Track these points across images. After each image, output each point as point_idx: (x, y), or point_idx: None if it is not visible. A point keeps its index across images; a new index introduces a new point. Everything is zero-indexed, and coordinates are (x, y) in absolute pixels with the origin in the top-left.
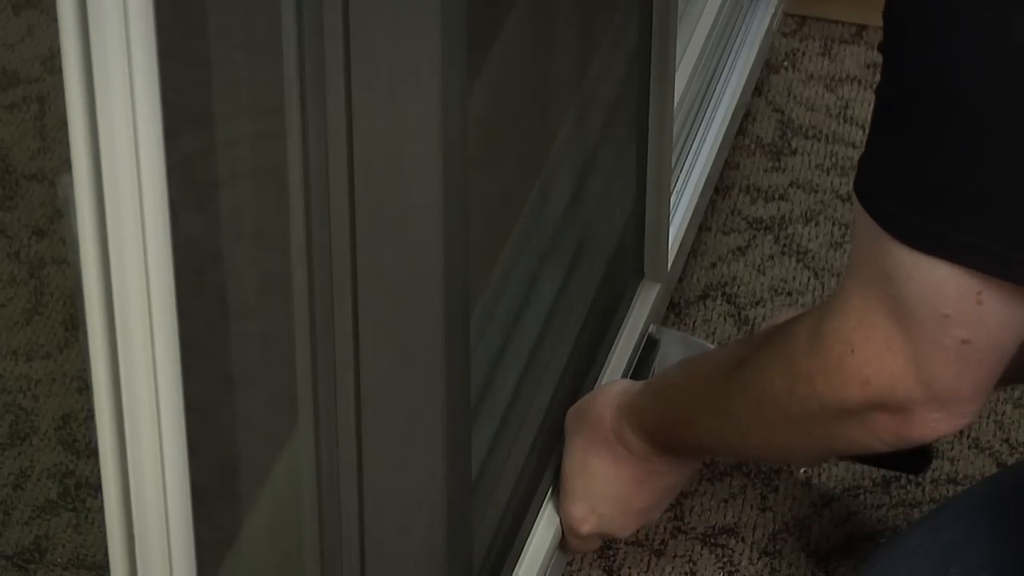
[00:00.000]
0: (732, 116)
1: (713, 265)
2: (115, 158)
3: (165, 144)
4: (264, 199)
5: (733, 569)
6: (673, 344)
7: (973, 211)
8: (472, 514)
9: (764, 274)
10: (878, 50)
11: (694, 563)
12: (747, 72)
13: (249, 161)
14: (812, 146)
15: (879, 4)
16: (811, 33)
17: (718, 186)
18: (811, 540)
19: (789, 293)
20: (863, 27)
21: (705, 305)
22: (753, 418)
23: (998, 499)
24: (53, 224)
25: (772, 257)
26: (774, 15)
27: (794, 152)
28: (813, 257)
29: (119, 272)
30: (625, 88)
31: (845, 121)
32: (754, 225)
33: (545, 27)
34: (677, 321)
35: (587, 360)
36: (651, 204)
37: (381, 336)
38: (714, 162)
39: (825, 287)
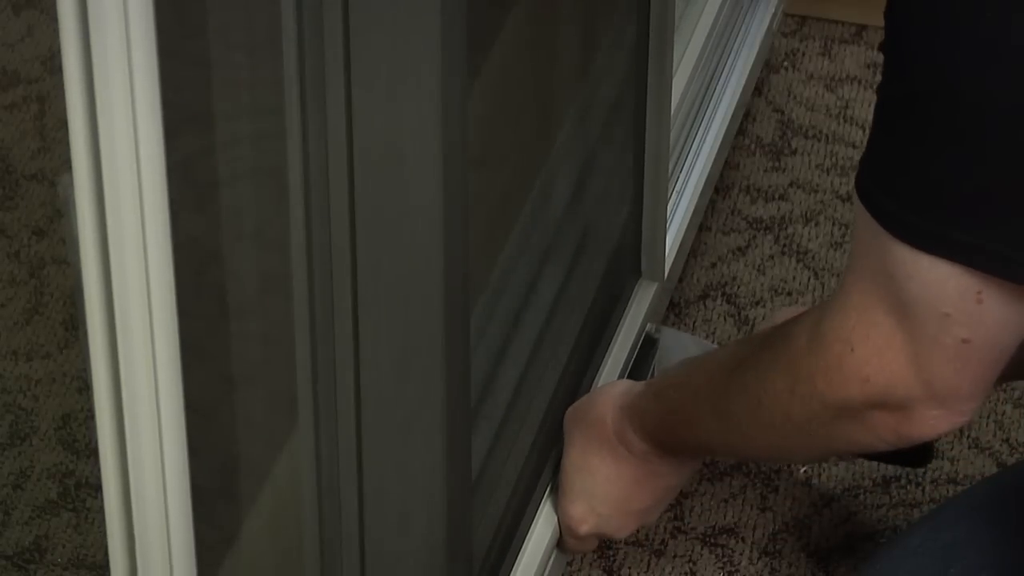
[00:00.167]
0: (732, 116)
1: (713, 265)
2: (115, 158)
3: (165, 144)
4: (264, 199)
5: (733, 569)
6: (672, 343)
7: (973, 210)
8: (472, 514)
9: (764, 274)
10: (879, 49)
11: (694, 563)
12: (747, 72)
13: (249, 161)
14: (812, 146)
15: (879, 4)
16: (811, 33)
17: (718, 186)
18: (811, 540)
19: (789, 293)
20: (863, 27)
21: (705, 305)
22: (754, 418)
23: (998, 499)
24: (53, 224)
25: (772, 257)
26: (774, 15)
27: (794, 152)
28: (813, 257)
29: (119, 272)
30: (624, 88)
31: (845, 121)
32: (754, 225)
33: (545, 27)
34: (677, 321)
35: (585, 360)
36: (648, 203)
37: (381, 336)
38: (714, 162)
39: (825, 287)
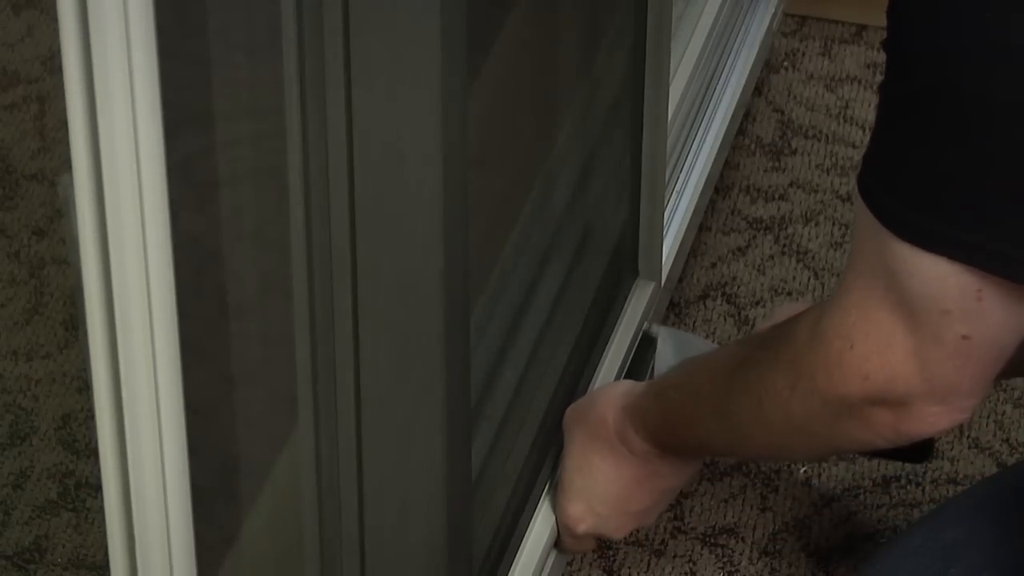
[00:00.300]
0: (732, 116)
1: (713, 265)
2: (115, 158)
3: (165, 144)
4: (264, 199)
5: (733, 569)
6: (670, 342)
7: (974, 209)
8: (472, 514)
9: (764, 274)
10: (881, 47)
11: (694, 563)
12: (747, 72)
13: (249, 161)
14: (812, 146)
15: (879, 4)
16: (811, 33)
17: (718, 186)
18: (811, 540)
19: (789, 293)
20: (863, 27)
21: (705, 305)
22: (754, 418)
23: (999, 499)
24: (53, 224)
25: (772, 257)
26: (774, 15)
27: (794, 152)
28: (813, 257)
29: (119, 272)
30: (622, 89)
31: (845, 121)
32: (754, 225)
33: (544, 28)
34: (677, 321)
35: (583, 359)
36: (645, 203)
37: (381, 336)
38: (714, 162)
39: (825, 287)
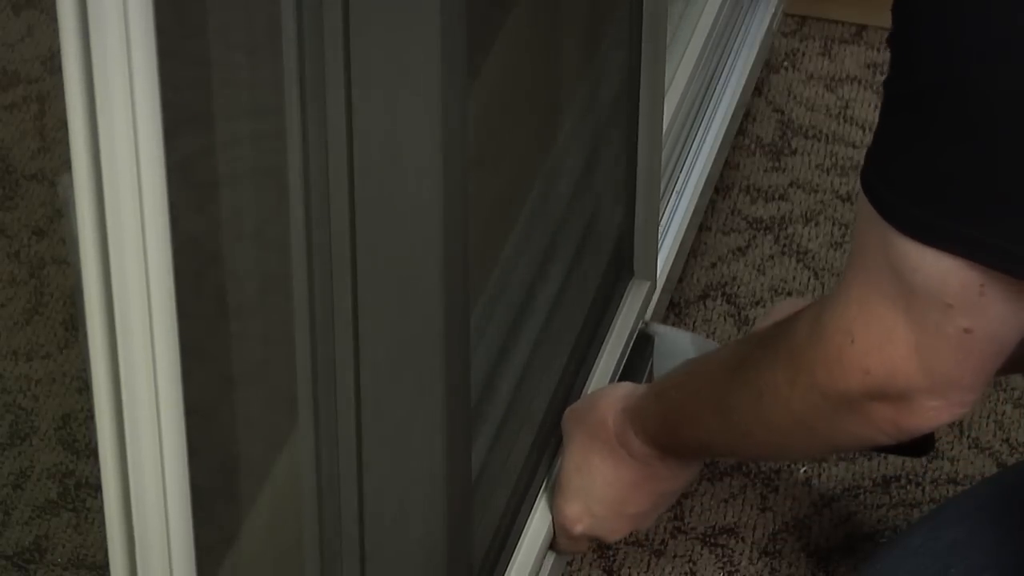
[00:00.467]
0: (732, 116)
1: (713, 265)
2: (115, 158)
3: (165, 144)
4: (264, 199)
5: (733, 569)
6: (669, 340)
7: (977, 204)
8: (472, 514)
9: (764, 274)
10: (886, 43)
11: (694, 563)
12: (747, 72)
13: (249, 161)
14: (812, 146)
15: (879, 4)
16: (811, 33)
17: (718, 186)
18: (811, 540)
19: (789, 293)
20: (863, 27)
21: (705, 305)
22: (755, 415)
23: (1000, 499)
24: (53, 224)
25: (772, 257)
26: (774, 15)
27: (794, 152)
28: (813, 257)
29: (119, 272)
30: (620, 90)
31: (845, 121)
32: (754, 225)
33: (544, 27)
34: (677, 321)
35: (580, 359)
36: (641, 202)
37: (381, 336)
38: (714, 162)
39: (825, 287)
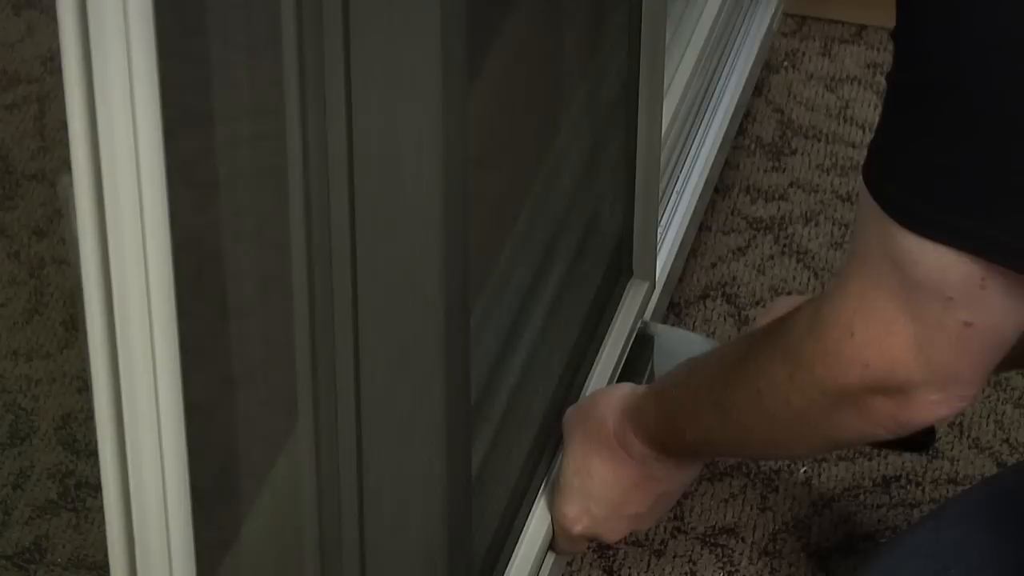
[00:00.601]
0: (732, 116)
1: (713, 265)
2: (115, 158)
3: (165, 144)
4: (264, 199)
5: (733, 569)
6: (669, 340)
7: (980, 199)
8: (472, 514)
9: (764, 274)
10: (890, 35)
11: (694, 563)
12: (747, 72)
13: (249, 161)
14: (812, 146)
15: (879, 4)
16: (811, 33)
17: (718, 186)
18: (811, 540)
19: (789, 293)
20: (863, 27)
21: (705, 305)
22: (754, 411)
23: (999, 499)
24: (53, 224)
25: (772, 257)
26: (774, 15)
27: (794, 152)
28: (813, 257)
29: (119, 272)
30: (618, 91)
31: (845, 121)
32: (754, 225)
33: (544, 27)
34: (677, 321)
35: (580, 359)
36: (640, 202)
37: (381, 336)
38: (714, 162)
39: (825, 287)
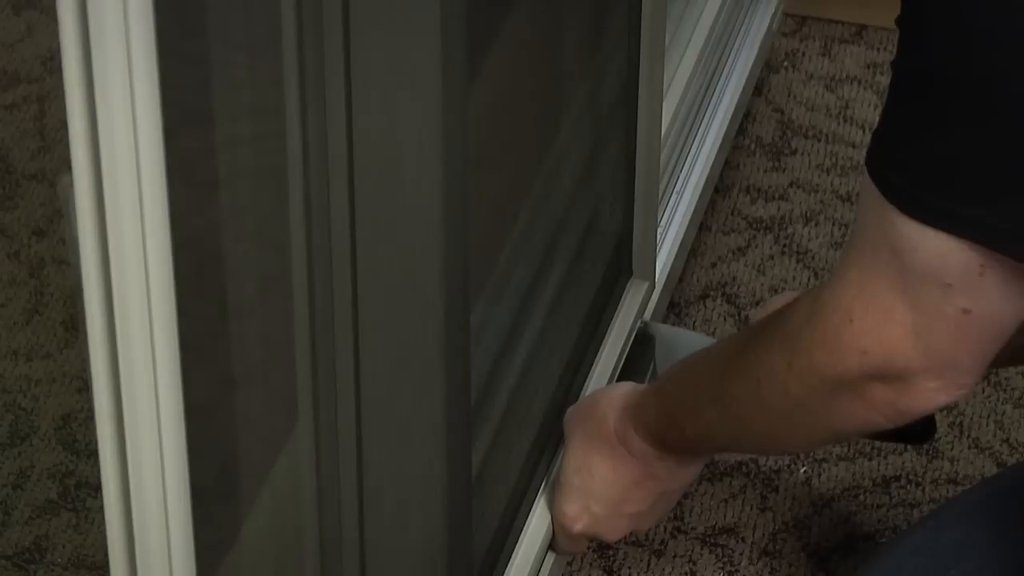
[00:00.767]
0: (732, 116)
1: (713, 265)
2: (115, 158)
3: (165, 144)
4: (264, 199)
5: (733, 569)
6: (669, 339)
7: (980, 187)
8: (472, 514)
9: (764, 274)
10: (895, 23)
11: (694, 563)
12: (747, 72)
13: (249, 161)
14: (812, 146)
15: (879, 4)
16: (811, 33)
17: (718, 186)
18: (811, 540)
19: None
20: (863, 27)
21: (705, 305)
22: (754, 401)
23: (999, 499)
24: (53, 224)
25: (772, 257)
26: (774, 15)
27: (794, 152)
28: (813, 257)
29: (119, 272)
30: (618, 91)
31: (845, 121)
32: (754, 225)
33: (544, 27)
34: (677, 321)
35: (579, 359)
36: (639, 201)
37: (381, 336)
38: (714, 162)
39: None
